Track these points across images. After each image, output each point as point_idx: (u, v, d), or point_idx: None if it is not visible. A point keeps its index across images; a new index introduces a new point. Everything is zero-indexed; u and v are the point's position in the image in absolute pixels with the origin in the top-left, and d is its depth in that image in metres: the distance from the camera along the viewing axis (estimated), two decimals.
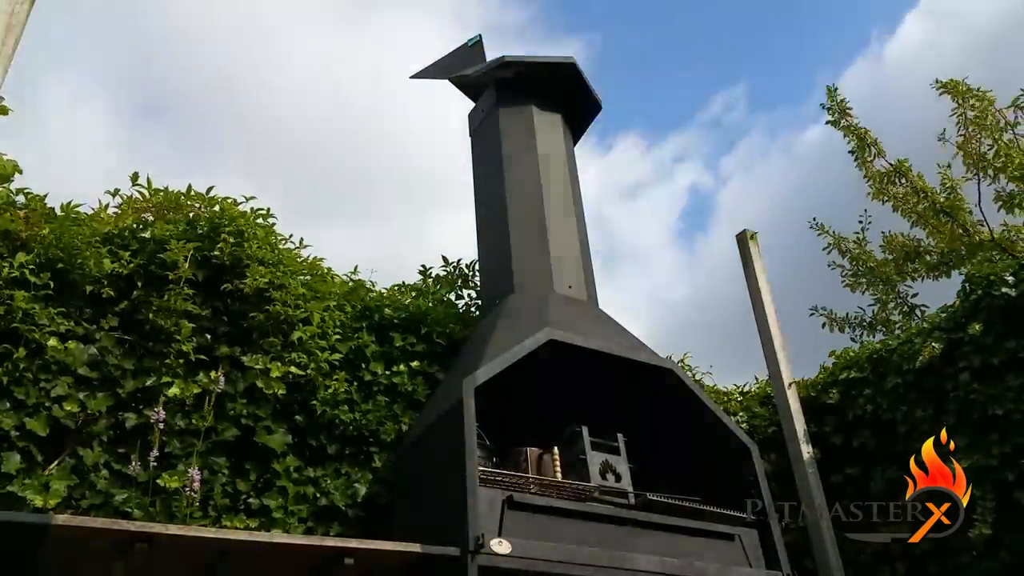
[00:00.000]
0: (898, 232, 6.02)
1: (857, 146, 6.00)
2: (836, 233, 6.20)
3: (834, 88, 6.11)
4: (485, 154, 4.99)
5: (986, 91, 5.60)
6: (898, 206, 5.87)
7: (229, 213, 3.75)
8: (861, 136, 5.97)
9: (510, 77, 4.94)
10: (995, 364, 3.75)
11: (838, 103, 6.06)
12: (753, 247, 4.65)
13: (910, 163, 5.87)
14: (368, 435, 3.67)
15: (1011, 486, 3.56)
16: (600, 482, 3.32)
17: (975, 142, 5.59)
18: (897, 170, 5.86)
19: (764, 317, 4.44)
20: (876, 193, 5.91)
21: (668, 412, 3.84)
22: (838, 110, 6.07)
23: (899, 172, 5.86)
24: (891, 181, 5.89)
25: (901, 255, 5.92)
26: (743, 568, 3.31)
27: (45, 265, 3.25)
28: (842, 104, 6.05)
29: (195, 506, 3.00)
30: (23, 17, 3.01)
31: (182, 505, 3.00)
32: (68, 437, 3.08)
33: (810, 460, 4.04)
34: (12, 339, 3.06)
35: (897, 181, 5.88)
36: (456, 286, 4.81)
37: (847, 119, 6.03)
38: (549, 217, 4.41)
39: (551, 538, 2.93)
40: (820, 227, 6.22)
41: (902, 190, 5.88)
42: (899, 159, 5.88)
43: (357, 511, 3.52)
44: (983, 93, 5.59)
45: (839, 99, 6.05)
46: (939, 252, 5.80)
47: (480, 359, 3.29)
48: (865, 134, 5.96)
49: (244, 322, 3.56)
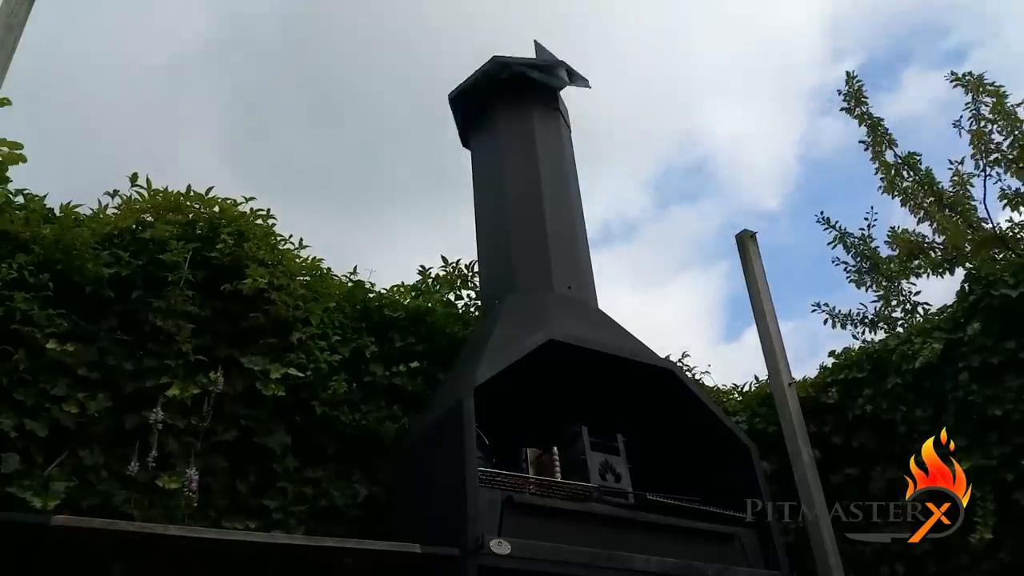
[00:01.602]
0: (903, 228, 5.94)
1: (870, 135, 5.88)
2: (842, 228, 6.10)
3: (853, 74, 5.98)
4: (484, 154, 4.99)
5: (999, 86, 5.59)
6: (906, 201, 5.79)
7: (228, 214, 3.75)
8: (875, 125, 5.86)
9: (506, 78, 4.94)
10: (994, 364, 3.74)
11: (855, 90, 5.94)
12: (752, 247, 4.65)
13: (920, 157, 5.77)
14: (368, 435, 3.67)
15: (1011, 486, 3.56)
16: (600, 482, 3.32)
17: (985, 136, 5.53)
18: (906, 162, 5.77)
19: (764, 317, 4.44)
20: (888, 187, 5.83)
21: (668, 412, 3.84)
22: (854, 97, 5.94)
23: (907, 165, 5.77)
24: (899, 173, 5.79)
25: (906, 251, 5.88)
26: (743, 568, 3.31)
27: (45, 266, 3.25)
28: (859, 92, 5.93)
29: (194, 507, 2.99)
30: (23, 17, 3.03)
31: (181, 506, 3.00)
32: (68, 438, 3.08)
33: (810, 460, 4.03)
34: (12, 340, 3.05)
35: (905, 174, 5.79)
36: (456, 286, 4.81)
37: (862, 107, 5.91)
38: (549, 217, 4.41)
39: (551, 538, 2.93)
40: (826, 221, 6.17)
41: (910, 184, 5.79)
42: (909, 152, 5.79)
43: (357, 511, 3.52)
44: (996, 88, 5.58)
45: (856, 86, 5.94)
46: (943, 248, 5.76)
47: (480, 359, 3.29)
48: (878, 123, 5.86)
49: (244, 323, 3.56)
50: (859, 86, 5.94)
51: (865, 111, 5.91)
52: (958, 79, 5.67)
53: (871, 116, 5.89)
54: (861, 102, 5.93)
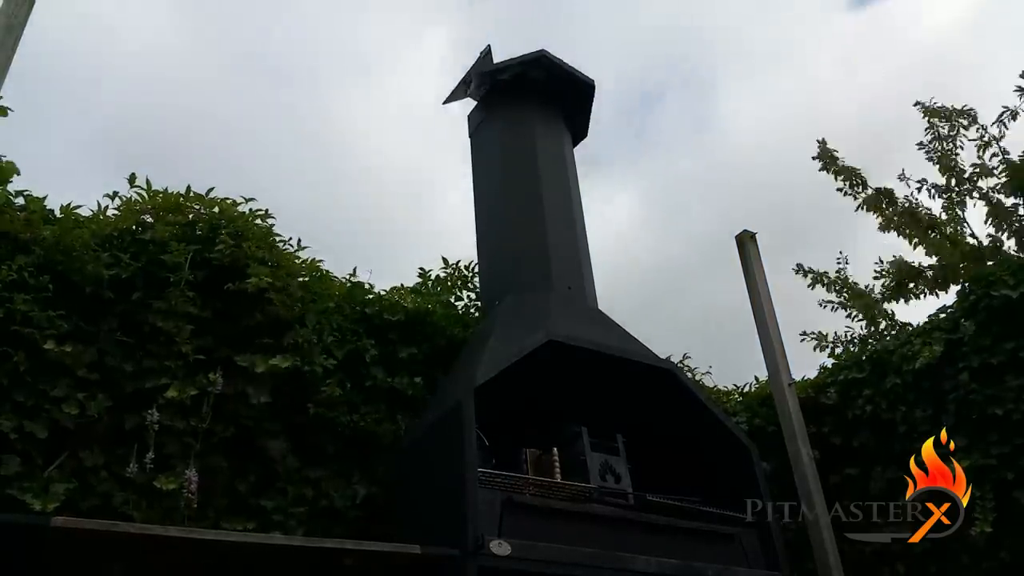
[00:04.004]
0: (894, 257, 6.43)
1: (848, 184, 6.50)
2: (817, 270, 6.56)
3: (823, 141, 6.66)
4: (484, 155, 4.99)
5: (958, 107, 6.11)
6: (898, 227, 6.29)
7: (228, 214, 3.75)
8: (852, 174, 6.49)
9: (508, 79, 4.95)
10: (994, 364, 3.74)
11: (828, 152, 6.59)
12: (752, 248, 4.65)
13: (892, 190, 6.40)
14: (367, 436, 3.67)
15: (1011, 486, 3.56)
16: (600, 483, 3.32)
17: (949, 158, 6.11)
18: (884, 195, 6.35)
19: (764, 317, 4.44)
20: (885, 224, 6.34)
21: (668, 412, 3.84)
22: (828, 157, 6.58)
23: (887, 198, 6.35)
24: (879, 205, 6.37)
25: (900, 277, 6.23)
26: (743, 568, 3.31)
27: (45, 267, 3.25)
28: (831, 152, 6.59)
29: (193, 508, 2.99)
30: (23, 17, 3.03)
31: (180, 507, 2.99)
32: (67, 439, 3.08)
33: (809, 460, 4.03)
34: (12, 341, 3.05)
35: (884, 207, 6.35)
36: (455, 287, 4.81)
37: (836, 163, 6.55)
38: (548, 217, 4.41)
39: (551, 539, 2.93)
40: (803, 270, 6.58)
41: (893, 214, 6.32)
42: (877, 188, 6.41)
43: (356, 512, 3.52)
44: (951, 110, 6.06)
45: (830, 150, 6.61)
46: (936, 267, 6.09)
47: (480, 360, 3.29)
48: (853, 173, 6.49)
49: (244, 323, 3.56)
50: (832, 150, 6.64)
51: (841, 166, 6.56)
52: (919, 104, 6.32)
53: (847, 168, 6.55)
54: (833, 160, 6.59)
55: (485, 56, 5.11)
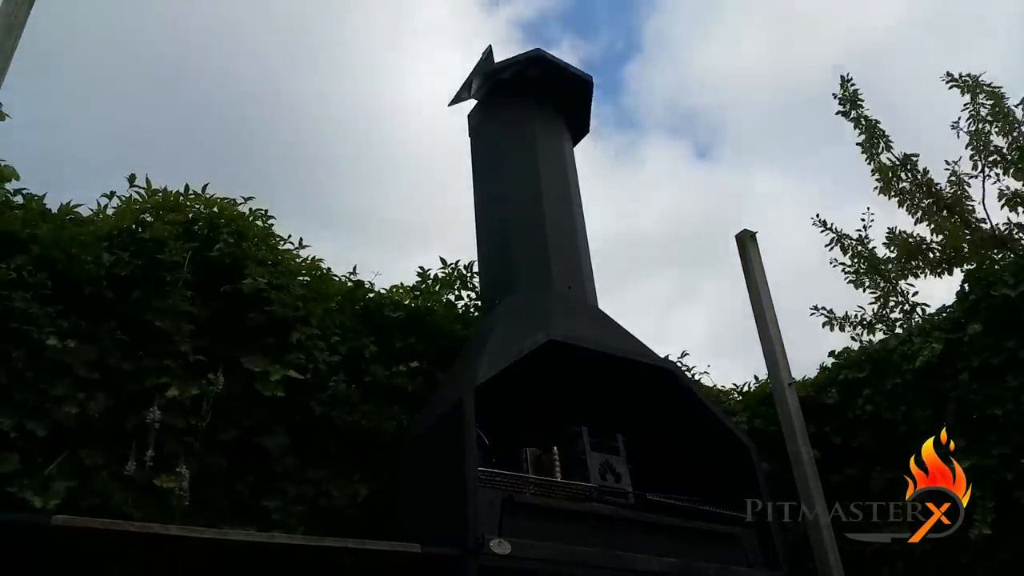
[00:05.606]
0: (901, 229, 5.93)
1: (866, 138, 5.83)
2: (839, 230, 6.02)
3: (847, 77, 5.94)
4: (484, 154, 4.99)
5: (997, 87, 5.57)
6: (904, 201, 5.77)
7: (227, 213, 3.75)
8: (872, 127, 5.81)
9: (506, 78, 4.95)
10: (994, 364, 3.74)
11: (850, 93, 5.89)
12: (752, 247, 4.65)
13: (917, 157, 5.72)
14: (368, 435, 3.66)
15: (1011, 486, 3.56)
16: (600, 482, 3.32)
17: (984, 137, 5.53)
18: (904, 163, 5.71)
19: (764, 317, 4.44)
20: (884, 188, 5.78)
21: (667, 412, 3.84)
22: (849, 100, 5.89)
23: (905, 165, 5.71)
24: (896, 175, 5.75)
25: (904, 252, 5.86)
26: (742, 568, 3.31)
27: (44, 266, 3.24)
28: (854, 94, 5.88)
29: (186, 505, 2.97)
30: (23, 17, 3.02)
31: (175, 505, 2.98)
32: (67, 438, 3.07)
33: (809, 460, 4.03)
34: (11, 340, 3.05)
35: (903, 175, 5.74)
36: (455, 287, 4.81)
37: (857, 110, 5.86)
38: (548, 217, 4.41)
39: (551, 538, 2.93)
40: (823, 223, 6.17)
41: (908, 185, 5.74)
42: (906, 153, 5.74)
43: (357, 511, 3.52)
44: (994, 89, 5.57)
45: (851, 89, 5.89)
46: (942, 248, 5.75)
47: (480, 359, 3.29)
48: (875, 125, 5.81)
49: (243, 323, 3.55)
50: (854, 90, 5.90)
51: (861, 114, 5.86)
52: (955, 80, 5.67)
53: (867, 119, 5.83)
54: (856, 105, 5.88)
55: (486, 57, 5.12)
